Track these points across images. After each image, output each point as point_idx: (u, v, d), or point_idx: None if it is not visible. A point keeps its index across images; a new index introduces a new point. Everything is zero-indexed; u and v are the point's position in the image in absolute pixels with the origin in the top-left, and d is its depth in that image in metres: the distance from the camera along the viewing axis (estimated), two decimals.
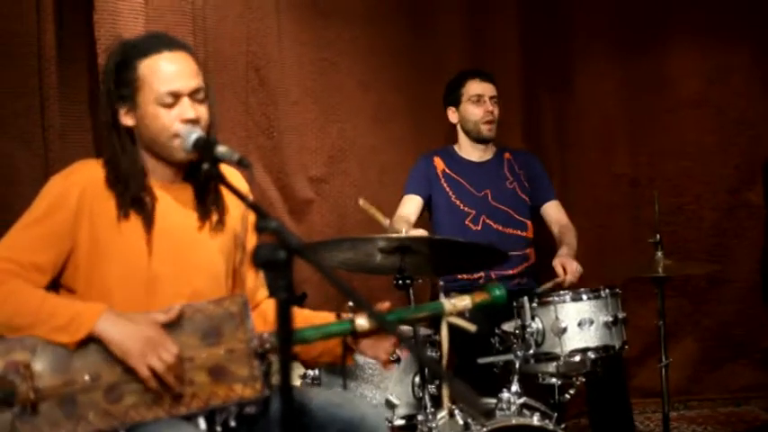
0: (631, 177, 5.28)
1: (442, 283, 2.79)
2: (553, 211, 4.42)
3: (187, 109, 2.46)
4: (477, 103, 4.36)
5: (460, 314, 2.61)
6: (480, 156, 4.45)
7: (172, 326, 2.33)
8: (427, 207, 4.38)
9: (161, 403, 2.29)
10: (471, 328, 2.60)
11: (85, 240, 2.42)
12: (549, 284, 3.87)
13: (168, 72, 2.46)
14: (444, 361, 2.69)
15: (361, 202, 3.35)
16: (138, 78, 2.46)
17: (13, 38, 3.64)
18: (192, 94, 2.48)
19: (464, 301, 2.61)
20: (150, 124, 2.46)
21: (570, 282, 3.88)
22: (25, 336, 2.27)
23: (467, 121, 4.39)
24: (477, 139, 4.40)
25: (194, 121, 2.46)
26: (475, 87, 4.37)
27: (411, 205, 4.31)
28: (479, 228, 4.29)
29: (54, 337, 2.26)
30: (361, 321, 2.49)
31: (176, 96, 2.45)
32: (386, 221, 3.34)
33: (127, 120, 2.49)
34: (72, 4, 3.78)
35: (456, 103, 4.42)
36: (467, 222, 4.30)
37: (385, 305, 2.54)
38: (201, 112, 2.49)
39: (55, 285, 2.46)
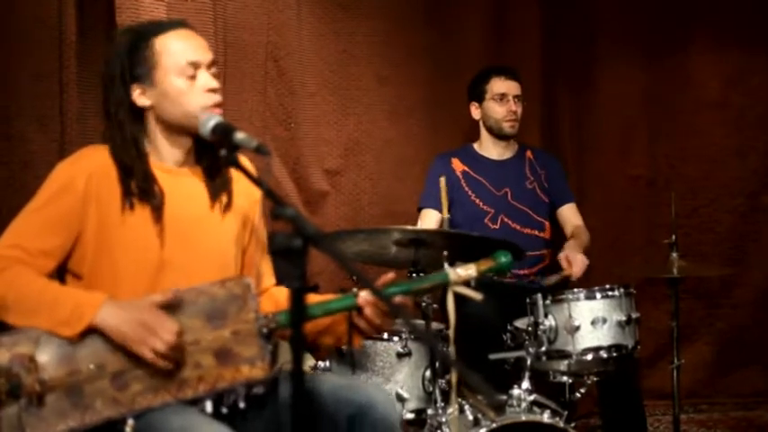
0: (648, 179, 5.26)
1: (446, 253, 2.75)
2: (569, 214, 4.41)
3: (209, 79, 2.49)
4: (501, 101, 4.33)
5: (466, 283, 2.58)
6: (501, 153, 4.43)
7: (175, 309, 2.32)
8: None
9: (168, 388, 2.28)
10: (477, 296, 2.56)
11: (93, 226, 2.42)
12: (554, 277, 3.86)
13: (185, 44, 2.50)
14: (451, 333, 2.67)
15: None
16: (154, 54, 2.47)
17: (34, 22, 3.64)
18: (209, 67, 2.52)
19: (469, 270, 2.57)
20: (175, 99, 2.47)
21: (577, 274, 3.85)
22: (29, 327, 2.27)
23: (489, 118, 4.37)
24: (499, 135, 4.38)
25: (217, 90, 2.49)
26: (499, 85, 4.35)
27: (429, 221, 4.27)
28: (498, 226, 4.27)
29: (56, 330, 2.26)
30: (366, 295, 2.48)
31: (196, 67, 2.48)
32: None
33: (142, 100, 2.49)
34: None
35: (479, 99, 4.40)
36: (485, 221, 4.28)
37: (389, 276, 2.52)
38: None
39: (61, 271, 2.46)
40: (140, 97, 2.49)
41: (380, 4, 4.80)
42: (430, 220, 4.27)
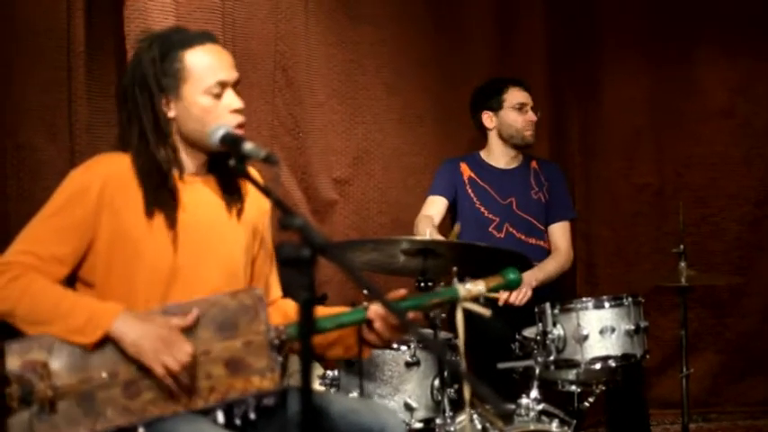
0: (656, 187, 5.26)
1: (455, 268, 2.76)
2: (557, 233, 4.39)
3: (234, 99, 2.49)
4: (521, 110, 4.34)
5: (475, 299, 2.58)
6: (508, 162, 4.43)
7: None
8: (451, 212, 4.36)
9: (179, 398, 2.28)
10: (486, 313, 2.56)
11: (107, 233, 2.42)
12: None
13: (215, 62, 2.49)
14: (461, 347, 2.67)
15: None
16: (183, 69, 2.46)
17: (43, 33, 3.66)
18: (234, 85, 2.52)
19: (478, 287, 2.57)
20: (199, 117, 2.46)
21: (504, 301, 3.86)
22: (42, 334, 2.27)
23: (509, 127, 4.36)
24: (519, 145, 4.38)
25: (241, 111, 2.50)
26: (518, 96, 4.36)
27: (436, 206, 4.30)
28: (503, 235, 4.28)
29: (71, 338, 2.26)
30: (376, 309, 2.48)
31: (223, 86, 2.48)
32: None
33: (167, 110, 2.48)
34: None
35: (495, 108, 4.39)
36: (490, 229, 4.28)
37: (399, 293, 2.52)
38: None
39: (71, 280, 2.46)
40: (165, 107, 2.48)
41: (388, 13, 4.81)
42: (435, 205, 4.31)
